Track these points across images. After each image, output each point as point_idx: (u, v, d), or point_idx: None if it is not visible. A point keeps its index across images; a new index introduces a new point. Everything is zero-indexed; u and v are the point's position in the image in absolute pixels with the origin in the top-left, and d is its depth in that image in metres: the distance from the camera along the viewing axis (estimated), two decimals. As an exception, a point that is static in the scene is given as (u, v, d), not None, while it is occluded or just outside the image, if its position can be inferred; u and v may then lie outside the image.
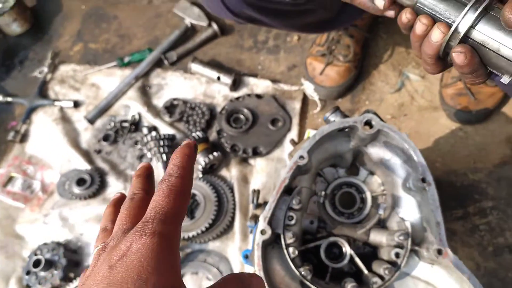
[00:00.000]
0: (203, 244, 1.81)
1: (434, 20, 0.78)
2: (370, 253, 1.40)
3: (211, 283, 1.73)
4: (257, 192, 1.39)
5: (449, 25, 0.76)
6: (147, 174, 0.68)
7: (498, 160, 1.78)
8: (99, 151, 2.11)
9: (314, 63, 2.03)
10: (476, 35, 0.74)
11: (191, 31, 2.34)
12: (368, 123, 1.26)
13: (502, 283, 1.54)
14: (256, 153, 1.95)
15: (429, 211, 1.21)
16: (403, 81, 2.05)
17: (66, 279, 1.80)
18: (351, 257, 1.30)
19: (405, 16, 0.78)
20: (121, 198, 0.71)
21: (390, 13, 0.84)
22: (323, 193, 1.39)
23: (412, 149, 1.21)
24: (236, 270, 1.75)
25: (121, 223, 0.57)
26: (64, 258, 1.81)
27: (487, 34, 0.73)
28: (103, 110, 2.17)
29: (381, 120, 1.27)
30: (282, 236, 1.23)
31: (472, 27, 0.74)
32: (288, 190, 1.29)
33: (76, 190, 1.99)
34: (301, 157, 1.25)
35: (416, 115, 1.96)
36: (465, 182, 1.75)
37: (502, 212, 1.66)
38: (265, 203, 1.42)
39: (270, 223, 1.23)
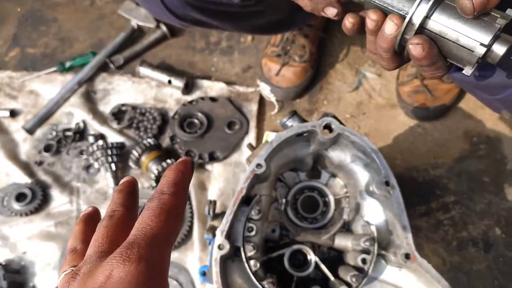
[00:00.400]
0: (160, 259, 1.69)
1: (386, 13, 0.72)
2: (335, 257, 1.34)
3: (170, 296, 1.50)
4: (213, 203, 1.29)
5: (402, 17, 0.70)
6: (131, 190, 0.59)
7: (457, 154, 1.78)
8: (40, 163, 1.94)
9: (270, 64, 1.96)
10: (433, 25, 0.69)
11: (138, 33, 2.20)
12: (327, 127, 1.19)
13: (467, 276, 1.53)
14: (212, 158, 1.85)
15: (394, 214, 1.16)
16: (360, 79, 2.02)
17: (8, 305, 1.63)
18: (316, 264, 1.23)
19: (348, 21, 0.74)
20: (92, 214, 0.61)
21: (331, 11, 0.77)
22: (283, 200, 1.31)
23: (374, 153, 1.16)
24: (197, 282, 1.64)
25: (97, 244, 0.48)
26: (5, 281, 1.64)
27: (444, 24, 0.68)
28: (43, 118, 1.99)
29: (341, 123, 1.22)
30: (242, 249, 1.15)
31: (427, 17, 0.68)
32: (247, 200, 1.21)
33: (16, 206, 1.82)
34: (259, 165, 1.17)
35: (374, 113, 1.93)
36: (426, 178, 1.74)
37: (465, 206, 1.66)
38: (223, 213, 1.33)
39: (228, 236, 1.14)
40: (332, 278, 1.21)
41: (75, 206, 1.85)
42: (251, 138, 1.88)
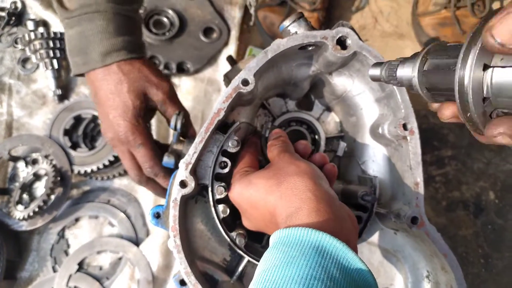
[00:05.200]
0: (107, 181, 1.42)
1: None
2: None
3: (115, 230, 1.34)
4: (181, 116, 1.00)
5: None
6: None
7: (462, 103, 1.54)
8: (-38, 48, 1.53)
9: (271, 16, 1.54)
10: None
11: None
12: (341, 42, 0.89)
13: (451, 241, 1.38)
14: (181, 69, 1.52)
15: (404, 167, 0.92)
16: (368, -2, 1.69)
17: None
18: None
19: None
20: None
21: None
22: (267, 130, 1.05)
23: (398, 84, 0.89)
24: (149, 215, 1.39)
25: None
26: None
27: None
28: (-33, -11, 1.55)
29: (359, 38, 0.92)
30: (209, 189, 0.89)
31: None
32: (222, 127, 0.92)
33: None
34: (245, 81, 0.87)
35: (378, 41, 1.64)
36: (424, 126, 1.51)
37: (461, 163, 1.46)
38: (189, 138, 1.04)
39: (194, 171, 0.87)
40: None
41: (5, 109, 1.49)
42: (231, 50, 1.55)
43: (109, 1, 0.97)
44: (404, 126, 0.90)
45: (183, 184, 0.84)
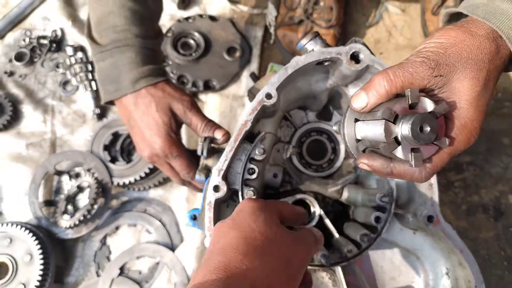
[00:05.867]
0: (143, 192, 1.53)
1: None
2: (340, 212, 1.20)
3: (152, 236, 1.44)
4: (207, 141, 1.10)
5: None
6: None
7: (479, 109, 1.60)
8: (11, 73, 1.69)
9: (290, 35, 1.64)
10: None
11: None
12: (354, 57, 0.98)
13: (473, 244, 1.42)
14: (208, 87, 1.64)
15: (419, 169, 0.99)
16: (382, 13, 1.77)
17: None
18: (320, 218, 1.08)
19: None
20: None
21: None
22: (290, 147, 1.13)
23: (411, 93, 0.96)
24: (182, 222, 1.50)
25: None
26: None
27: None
28: (14, 21, 1.71)
29: (371, 53, 1.00)
30: (240, 193, 0.98)
31: None
32: (249, 137, 1.02)
33: (-18, 120, 1.60)
34: (268, 95, 0.96)
35: (393, 54, 1.72)
36: (442, 133, 1.57)
37: (479, 168, 1.51)
38: (219, 151, 1.14)
39: (225, 177, 0.96)
40: (336, 235, 1.06)
41: (49, 128, 1.63)
42: (253, 68, 1.66)
43: (137, 37, 1.10)
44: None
45: (216, 188, 0.93)
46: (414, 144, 0.65)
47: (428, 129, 0.64)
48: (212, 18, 1.72)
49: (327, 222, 1.08)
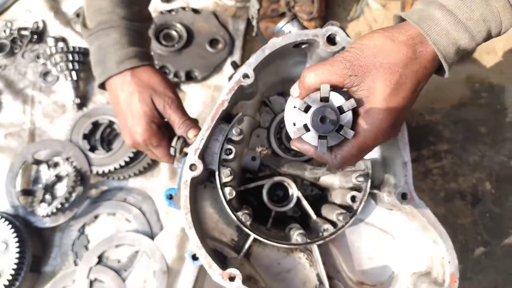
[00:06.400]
0: (123, 181, 1.52)
1: None
2: (317, 196, 1.21)
3: (131, 225, 1.44)
4: (181, 141, 1.09)
5: None
6: None
7: (456, 101, 1.63)
8: (-10, 65, 1.68)
9: (272, 27, 1.66)
10: None
11: None
12: (331, 39, 0.99)
13: (451, 229, 1.44)
14: (189, 77, 1.64)
15: (393, 148, 1.01)
16: (363, 8, 1.80)
17: None
18: (298, 200, 1.09)
19: None
20: None
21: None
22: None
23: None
24: (162, 212, 1.49)
25: None
26: None
27: None
28: (-6, 11, 1.70)
29: (347, 35, 1.02)
30: (217, 173, 0.98)
31: None
32: (227, 117, 1.03)
33: (-40, 110, 1.58)
34: (246, 75, 0.97)
35: (373, 47, 1.74)
36: (420, 123, 1.60)
37: (457, 156, 1.53)
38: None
39: (202, 156, 0.96)
40: (314, 216, 1.07)
41: (29, 118, 1.62)
42: (235, 59, 1.67)
43: (122, 18, 1.10)
44: (392, 111, 0.99)
45: (192, 167, 0.93)
46: (319, 132, 0.74)
47: (328, 120, 0.73)
48: (195, 11, 1.72)
49: (305, 203, 1.08)
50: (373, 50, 0.74)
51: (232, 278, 0.90)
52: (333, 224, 1.02)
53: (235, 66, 1.43)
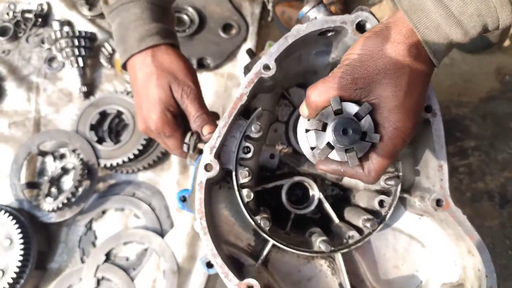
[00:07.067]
0: (131, 175, 1.45)
1: None
2: (339, 196, 1.13)
3: (140, 221, 1.35)
4: (195, 138, 1.00)
5: None
6: None
7: (485, 94, 1.53)
8: (-7, 49, 1.60)
9: (289, 11, 1.57)
10: None
11: None
12: (360, 26, 0.90)
13: (477, 232, 1.36)
14: (202, 65, 1.55)
15: (428, 149, 0.92)
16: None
17: None
18: (319, 202, 1.01)
19: None
20: None
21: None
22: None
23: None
24: (172, 207, 1.42)
25: None
26: None
27: None
28: (-4, -7, 1.62)
29: (379, 22, 0.92)
30: (233, 174, 0.90)
31: None
32: (245, 113, 0.94)
33: (-39, 98, 1.51)
34: (267, 66, 0.89)
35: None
36: (447, 117, 1.50)
37: (485, 153, 1.44)
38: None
39: (218, 156, 0.89)
40: (337, 220, 0.99)
41: (34, 106, 1.55)
42: (250, 46, 1.58)
43: None
44: (427, 109, 0.90)
45: (207, 167, 0.86)
46: (345, 146, 0.69)
47: (350, 130, 0.68)
48: (207, -7, 1.63)
49: (327, 206, 1.01)
50: (372, 58, 0.71)
51: (250, 289, 0.83)
52: (358, 230, 0.94)
53: (251, 54, 1.34)
